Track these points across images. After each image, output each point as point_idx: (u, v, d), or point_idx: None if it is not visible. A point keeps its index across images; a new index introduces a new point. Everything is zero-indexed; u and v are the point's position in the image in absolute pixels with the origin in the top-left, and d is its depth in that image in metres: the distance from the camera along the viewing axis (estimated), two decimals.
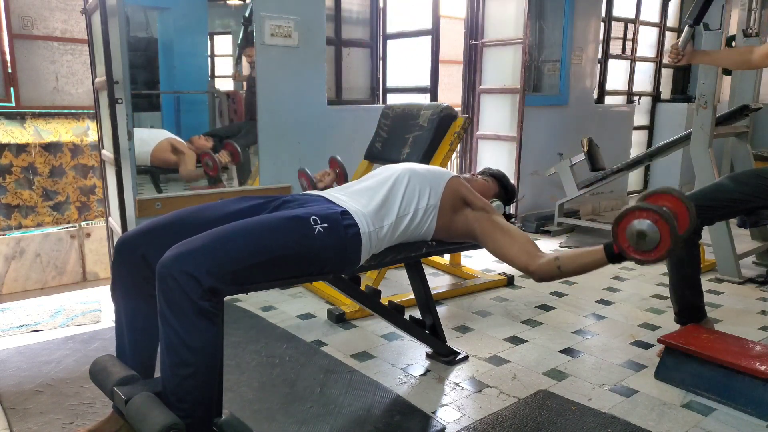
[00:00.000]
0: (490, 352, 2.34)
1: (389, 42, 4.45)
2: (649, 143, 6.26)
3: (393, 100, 4.46)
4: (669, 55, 2.41)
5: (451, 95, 6.25)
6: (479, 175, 2.15)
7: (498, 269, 3.48)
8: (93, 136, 5.09)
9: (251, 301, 2.88)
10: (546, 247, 4.09)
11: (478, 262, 3.67)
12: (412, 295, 2.28)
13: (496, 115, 4.53)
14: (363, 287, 2.08)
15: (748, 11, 3.50)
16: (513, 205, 3.16)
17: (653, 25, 6.08)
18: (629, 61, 5.90)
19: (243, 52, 3.48)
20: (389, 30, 4.43)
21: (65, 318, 2.66)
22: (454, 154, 4.80)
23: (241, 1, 3.49)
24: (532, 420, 1.83)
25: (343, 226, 1.58)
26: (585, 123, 5.08)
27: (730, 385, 1.94)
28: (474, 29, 4.45)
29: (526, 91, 4.26)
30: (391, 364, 2.23)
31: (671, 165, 6.06)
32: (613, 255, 1.55)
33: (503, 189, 2.13)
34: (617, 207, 5.59)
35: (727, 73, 3.51)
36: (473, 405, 1.94)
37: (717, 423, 1.85)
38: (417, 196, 1.78)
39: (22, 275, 4.58)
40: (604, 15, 5.28)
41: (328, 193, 1.77)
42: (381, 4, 4.37)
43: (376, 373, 2.14)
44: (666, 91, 6.58)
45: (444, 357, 2.25)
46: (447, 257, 3.42)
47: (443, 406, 1.94)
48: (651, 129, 6.35)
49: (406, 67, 4.47)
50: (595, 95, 5.39)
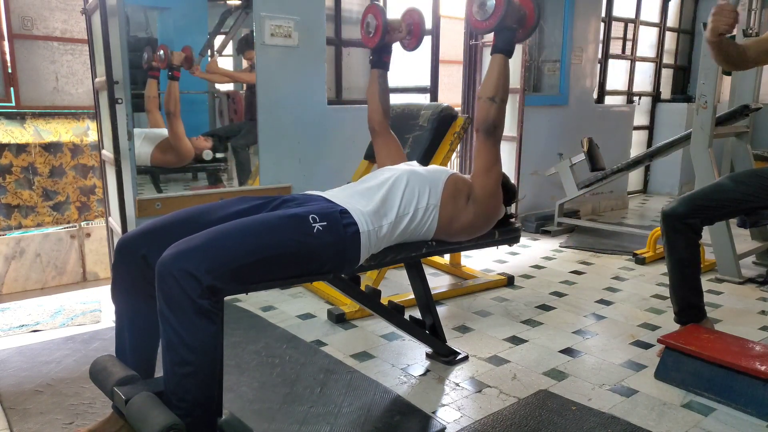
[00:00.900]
0: (490, 352, 2.34)
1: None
2: (649, 143, 6.27)
3: (393, 100, 4.44)
4: (720, 18, 1.83)
5: (451, 95, 6.25)
6: None
7: (498, 269, 3.48)
8: (93, 136, 5.09)
9: (251, 301, 2.88)
10: (546, 247, 4.09)
11: (478, 262, 3.67)
12: (412, 295, 2.28)
13: None
14: (363, 287, 2.08)
15: (748, 11, 3.50)
16: (513, 205, 3.16)
17: (653, 25, 6.08)
18: (629, 61, 5.90)
19: (242, 55, 3.47)
20: None
21: (65, 318, 2.66)
22: (454, 154, 4.80)
23: (241, 1, 3.48)
24: (532, 420, 1.83)
25: (342, 225, 1.58)
26: (585, 123, 5.08)
27: (730, 385, 1.94)
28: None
29: (526, 91, 4.26)
30: (391, 364, 2.23)
31: (671, 165, 6.07)
32: (495, 47, 1.82)
33: (504, 189, 2.13)
34: (617, 207, 5.60)
35: (727, 73, 3.51)
36: (473, 405, 1.94)
37: (717, 423, 1.85)
38: (417, 196, 1.79)
39: (22, 275, 4.58)
40: (604, 15, 5.28)
41: (328, 193, 1.77)
42: (381, 3, 4.37)
43: (376, 373, 2.14)
44: (666, 91, 6.59)
45: (444, 357, 2.25)
46: (447, 257, 3.42)
47: (443, 406, 1.94)
48: (651, 129, 6.35)
49: (406, 67, 4.46)
50: (595, 95, 5.40)
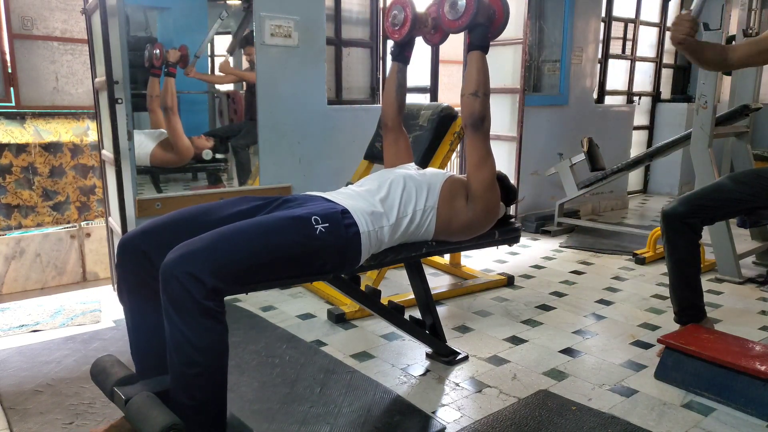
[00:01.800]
0: (490, 352, 2.34)
1: (389, 42, 4.45)
2: (649, 143, 6.27)
3: None
4: (677, 28, 1.95)
5: (451, 95, 6.25)
6: None
7: (498, 269, 3.48)
8: (93, 136, 5.09)
9: (251, 301, 2.88)
10: (546, 247, 4.09)
11: (478, 262, 3.67)
12: (412, 295, 2.28)
13: (496, 115, 4.52)
14: (363, 287, 2.08)
15: (748, 11, 3.50)
16: (513, 206, 3.16)
17: (653, 25, 6.08)
18: (629, 61, 5.90)
19: (242, 51, 3.48)
20: None
21: (65, 318, 2.66)
22: (454, 154, 4.80)
23: (241, 1, 3.49)
24: (532, 420, 1.83)
25: (343, 226, 1.58)
26: (585, 123, 5.08)
27: (730, 385, 1.94)
28: None
29: (526, 91, 4.26)
30: (391, 364, 2.23)
31: (671, 165, 6.07)
32: (471, 44, 1.90)
33: (504, 190, 2.13)
34: (617, 207, 5.60)
35: (728, 73, 3.51)
36: (473, 405, 1.94)
37: (717, 423, 1.85)
38: (414, 198, 1.80)
39: (22, 275, 4.58)
40: (604, 15, 5.28)
41: (328, 194, 1.77)
42: (381, 4, 4.37)
43: (376, 373, 2.14)
44: (666, 91, 6.59)
45: (444, 357, 2.25)
46: (447, 257, 3.42)
47: (443, 406, 1.94)
48: (651, 129, 6.35)
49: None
50: (595, 95, 5.39)
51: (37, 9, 4.81)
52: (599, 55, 5.34)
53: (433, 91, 4.11)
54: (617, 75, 5.88)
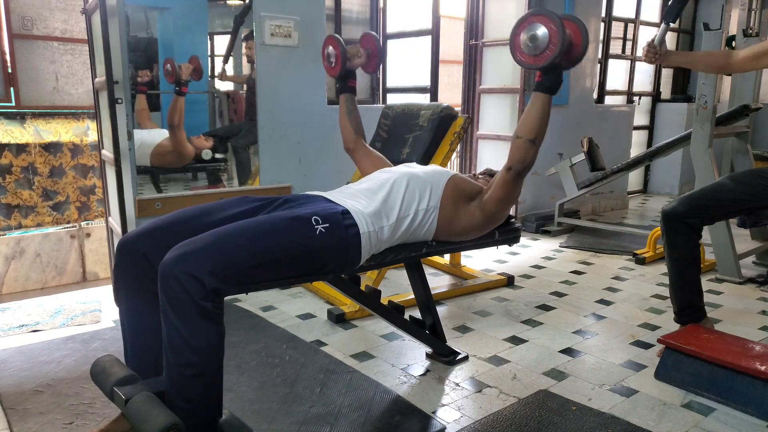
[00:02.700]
0: (490, 352, 2.34)
1: (389, 42, 4.46)
2: (649, 143, 6.27)
3: (393, 100, 4.46)
4: (644, 54, 2.30)
5: (451, 95, 6.25)
6: (480, 175, 2.15)
7: (498, 269, 3.48)
8: (93, 136, 5.09)
9: (251, 301, 2.88)
10: (546, 247, 4.09)
11: (478, 262, 3.67)
12: (412, 295, 2.28)
13: (496, 115, 4.53)
14: (363, 287, 2.08)
15: (748, 11, 3.50)
16: (513, 206, 3.15)
17: (653, 25, 6.08)
18: (629, 61, 5.90)
19: (244, 42, 3.47)
20: (389, 30, 4.43)
21: (65, 318, 2.66)
22: (454, 154, 4.80)
23: (241, 1, 3.48)
24: (532, 420, 1.83)
25: (344, 226, 1.58)
26: (585, 123, 5.08)
27: (730, 385, 1.94)
28: (474, 29, 4.45)
29: (526, 91, 4.26)
30: (391, 364, 2.23)
31: (671, 165, 6.07)
32: (540, 84, 1.70)
33: None
34: (617, 207, 5.60)
35: (727, 73, 3.51)
36: (473, 405, 1.94)
37: (717, 423, 1.85)
38: (417, 197, 1.79)
39: (22, 275, 4.58)
40: (604, 15, 5.28)
41: (329, 194, 1.77)
42: (381, 4, 4.37)
43: (376, 373, 2.14)
44: (666, 91, 6.59)
45: (444, 357, 2.25)
46: (447, 257, 3.42)
47: (443, 406, 1.94)
48: (651, 129, 6.35)
49: (406, 67, 4.47)
50: (595, 95, 5.39)
51: (37, 9, 4.81)
52: (599, 55, 5.34)
53: (433, 91, 4.11)
54: (617, 75, 5.88)
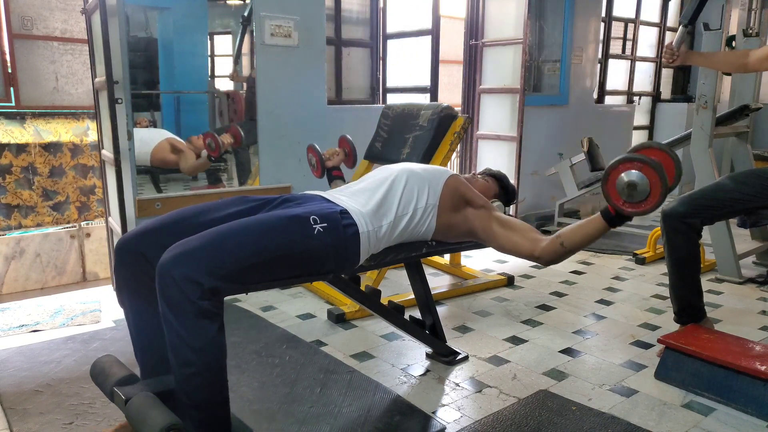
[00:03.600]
0: (490, 352, 2.34)
1: (389, 42, 4.45)
2: None
3: (393, 100, 4.46)
4: (664, 56, 2.39)
5: (451, 95, 6.25)
6: (479, 175, 2.15)
7: (498, 269, 3.48)
8: (93, 136, 5.09)
9: (251, 301, 2.88)
10: None
11: (478, 262, 3.67)
12: (412, 295, 2.28)
13: (496, 115, 4.53)
14: (363, 287, 2.08)
15: (748, 11, 3.50)
16: (513, 206, 3.15)
17: (653, 25, 6.08)
18: (629, 61, 5.90)
19: (243, 50, 3.48)
20: (389, 30, 4.43)
21: (65, 318, 2.66)
22: (454, 154, 4.80)
23: (241, 1, 3.48)
24: (532, 420, 1.83)
25: (342, 226, 1.57)
26: (585, 123, 5.08)
27: (730, 385, 1.94)
28: (474, 29, 4.45)
29: (526, 91, 4.26)
30: (391, 364, 2.23)
31: None
32: (611, 217, 1.58)
33: (503, 190, 2.13)
34: None
35: (728, 73, 3.51)
36: (473, 405, 1.94)
37: (717, 423, 1.85)
38: (416, 195, 1.78)
39: (22, 275, 4.58)
40: (604, 15, 5.28)
41: (328, 193, 1.77)
42: (381, 4, 4.37)
43: (376, 373, 2.14)
44: (666, 91, 6.58)
45: (444, 357, 2.25)
46: (447, 257, 3.42)
47: (443, 406, 1.94)
48: (651, 129, 6.35)
49: (406, 67, 4.47)
50: (595, 95, 5.39)
51: (37, 9, 4.81)
52: (599, 55, 5.34)
53: (433, 91, 4.10)
54: (617, 75, 5.88)
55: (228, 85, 3.68)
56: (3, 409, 1.89)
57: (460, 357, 2.26)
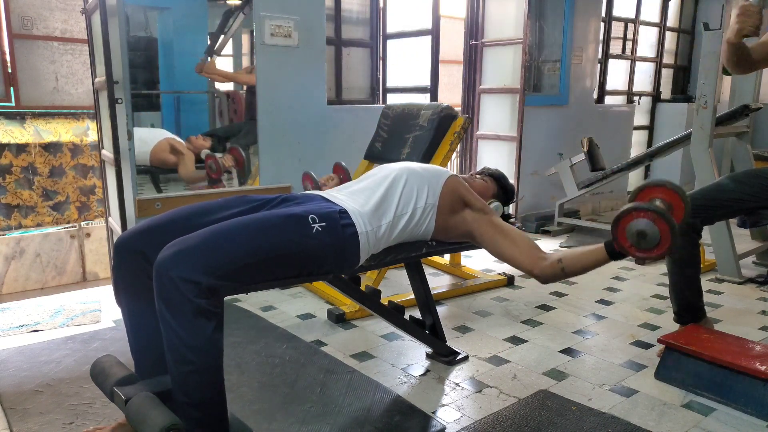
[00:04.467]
0: (490, 352, 2.34)
1: (389, 42, 4.45)
2: (649, 143, 6.26)
3: (393, 100, 4.46)
4: (743, 20, 1.75)
5: (451, 95, 6.25)
6: (478, 175, 2.14)
7: (498, 269, 3.48)
8: (93, 136, 5.09)
9: (251, 301, 2.88)
10: (546, 247, 4.09)
11: (478, 262, 3.67)
12: (412, 295, 2.28)
13: (496, 115, 4.53)
14: (363, 287, 2.08)
15: None
16: (512, 206, 3.15)
17: (653, 25, 6.08)
18: (629, 61, 5.90)
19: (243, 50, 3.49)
20: (389, 30, 4.43)
21: (65, 318, 2.66)
22: (454, 154, 4.80)
23: (241, 1, 3.48)
24: (532, 420, 1.83)
25: (341, 226, 1.57)
26: (585, 123, 5.08)
27: (730, 385, 1.94)
28: (474, 29, 4.45)
29: (526, 91, 4.26)
30: (391, 364, 2.23)
31: (671, 165, 6.06)
32: (615, 253, 1.57)
33: (502, 189, 2.12)
34: (617, 207, 5.59)
35: (727, 73, 3.51)
36: (473, 405, 1.94)
37: (717, 423, 1.85)
38: (415, 195, 1.78)
39: (22, 275, 4.58)
40: (604, 15, 5.28)
41: (327, 193, 1.77)
42: (381, 4, 4.37)
43: (376, 373, 2.14)
44: (666, 91, 6.58)
45: (444, 357, 2.25)
46: (447, 257, 3.42)
47: (443, 406, 1.94)
48: (651, 129, 6.35)
49: (406, 67, 4.47)
50: (595, 95, 5.39)
51: (37, 9, 4.81)
52: (599, 55, 5.34)
53: (433, 91, 4.10)
54: (617, 75, 5.88)
55: (228, 85, 3.68)
56: (3, 409, 1.89)
57: (460, 357, 2.26)
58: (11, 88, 4.75)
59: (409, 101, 3.41)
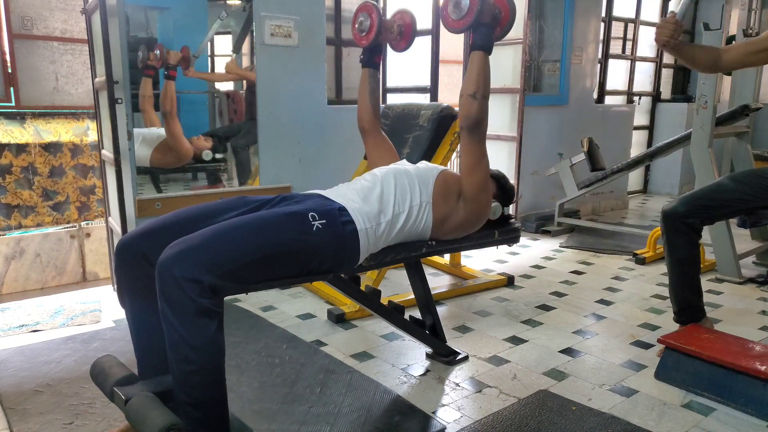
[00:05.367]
0: (490, 352, 2.34)
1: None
2: (649, 143, 6.27)
3: (393, 100, 4.45)
4: (661, 30, 2.01)
5: (451, 95, 6.24)
6: None
7: (498, 269, 3.48)
8: (93, 136, 5.09)
9: (251, 301, 2.88)
10: (546, 247, 4.09)
11: (478, 262, 3.67)
12: (412, 295, 2.28)
13: (496, 115, 4.53)
14: (363, 287, 2.08)
15: (748, 11, 3.50)
16: (512, 206, 3.14)
17: (653, 25, 6.08)
18: (629, 61, 5.90)
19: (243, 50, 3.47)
20: None
21: (65, 318, 2.66)
22: (454, 154, 4.80)
23: (241, 1, 3.48)
24: (532, 420, 1.83)
25: (340, 223, 1.58)
26: (585, 123, 5.08)
27: (730, 385, 1.94)
28: None
29: (526, 91, 4.26)
30: (391, 364, 2.23)
31: (671, 165, 6.07)
32: (474, 44, 1.87)
33: (501, 190, 2.12)
34: (617, 207, 5.60)
35: (728, 73, 3.51)
36: (473, 405, 1.94)
37: (717, 423, 1.85)
38: (409, 193, 1.80)
39: (22, 275, 4.58)
40: (604, 15, 5.28)
41: (325, 192, 1.77)
42: (381, 4, 4.37)
43: (376, 373, 2.14)
44: (666, 91, 6.59)
45: (444, 357, 2.25)
46: (447, 257, 3.42)
47: (443, 406, 1.94)
48: (651, 129, 6.35)
49: (406, 67, 4.47)
50: (595, 95, 5.40)
51: (37, 9, 4.81)
52: (599, 55, 5.34)
53: (433, 91, 4.10)
54: (617, 75, 5.88)
55: (228, 85, 3.68)
56: (3, 409, 1.89)
57: (460, 357, 2.26)
58: (11, 88, 4.75)
59: (409, 101, 3.41)
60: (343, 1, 4.15)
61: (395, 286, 3.13)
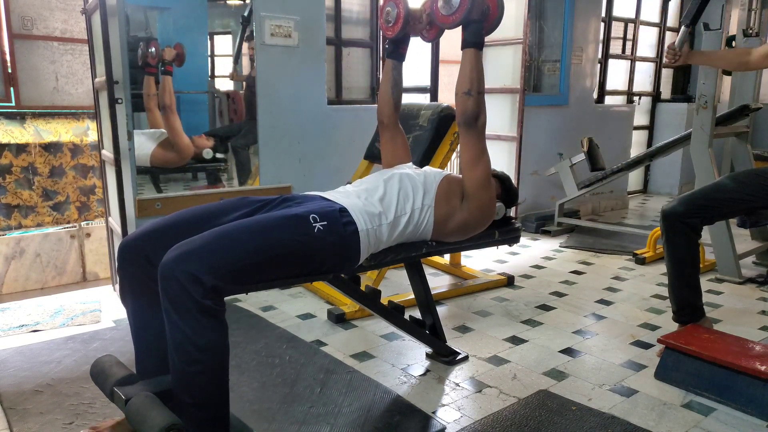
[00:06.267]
0: (490, 352, 2.34)
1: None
2: (649, 143, 6.27)
3: None
4: (666, 56, 2.41)
5: (451, 95, 6.25)
6: None
7: (498, 269, 3.48)
8: (93, 136, 5.09)
9: (251, 301, 2.88)
10: (546, 247, 4.09)
11: (478, 262, 3.67)
12: (412, 295, 2.28)
13: (496, 115, 4.53)
14: (363, 287, 2.08)
15: (748, 11, 3.50)
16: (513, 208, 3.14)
17: (653, 25, 6.08)
18: (629, 61, 5.90)
19: (243, 49, 3.47)
20: None
21: (65, 318, 2.66)
22: (454, 154, 4.80)
23: (241, 1, 3.48)
24: (532, 420, 1.83)
25: (342, 224, 1.59)
26: (585, 123, 5.08)
27: (730, 385, 1.94)
28: None
29: (526, 91, 4.26)
30: (391, 364, 2.23)
31: (671, 165, 6.07)
32: (464, 41, 1.87)
33: (505, 191, 2.11)
34: (617, 207, 5.60)
35: (728, 73, 3.51)
36: (473, 405, 1.94)
37: (717, 423, 1.85)
38: (412, 196, 1.80)
39: (22, 275, 4.57)
40: (604, 15, 5.28)
41: (326, 193, 1.78)
42: (381, 4, 4.36)
43: (376, 373, 2.14)
44: (666, 91, 6.59)
45: (444, 357, 2.25)
46: (447, 257, 3.42)
47: (443, 406, 1.94)
48: (651, 129, 6.35)
49: (406, 67, 4.46)
50: (595, 95, 5.39)
51: (37, 9, 4.81)
52: (599, 55, 5.34)
53: (433, 91, 4.10)
54: (617, 75, 5.88)
55: (228, 85, 3.68)
56: (3, 409, 1.89)
57: (460, 357, 2.26)
58: (11, 88, 4.74)
59: (409, 101, 3.40)
60: (343, 1, 4.15)
61: (395, 286, 3.13)
